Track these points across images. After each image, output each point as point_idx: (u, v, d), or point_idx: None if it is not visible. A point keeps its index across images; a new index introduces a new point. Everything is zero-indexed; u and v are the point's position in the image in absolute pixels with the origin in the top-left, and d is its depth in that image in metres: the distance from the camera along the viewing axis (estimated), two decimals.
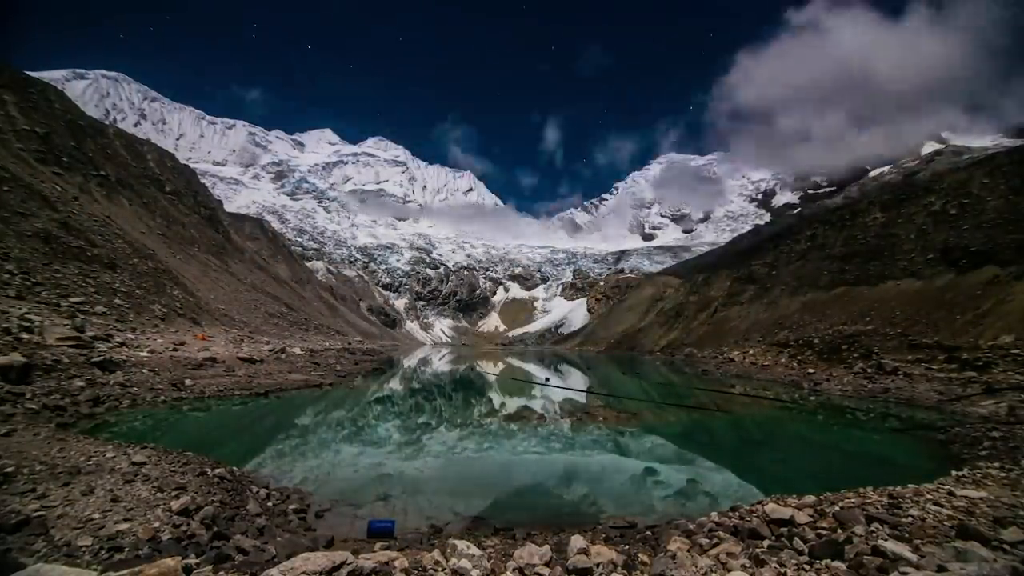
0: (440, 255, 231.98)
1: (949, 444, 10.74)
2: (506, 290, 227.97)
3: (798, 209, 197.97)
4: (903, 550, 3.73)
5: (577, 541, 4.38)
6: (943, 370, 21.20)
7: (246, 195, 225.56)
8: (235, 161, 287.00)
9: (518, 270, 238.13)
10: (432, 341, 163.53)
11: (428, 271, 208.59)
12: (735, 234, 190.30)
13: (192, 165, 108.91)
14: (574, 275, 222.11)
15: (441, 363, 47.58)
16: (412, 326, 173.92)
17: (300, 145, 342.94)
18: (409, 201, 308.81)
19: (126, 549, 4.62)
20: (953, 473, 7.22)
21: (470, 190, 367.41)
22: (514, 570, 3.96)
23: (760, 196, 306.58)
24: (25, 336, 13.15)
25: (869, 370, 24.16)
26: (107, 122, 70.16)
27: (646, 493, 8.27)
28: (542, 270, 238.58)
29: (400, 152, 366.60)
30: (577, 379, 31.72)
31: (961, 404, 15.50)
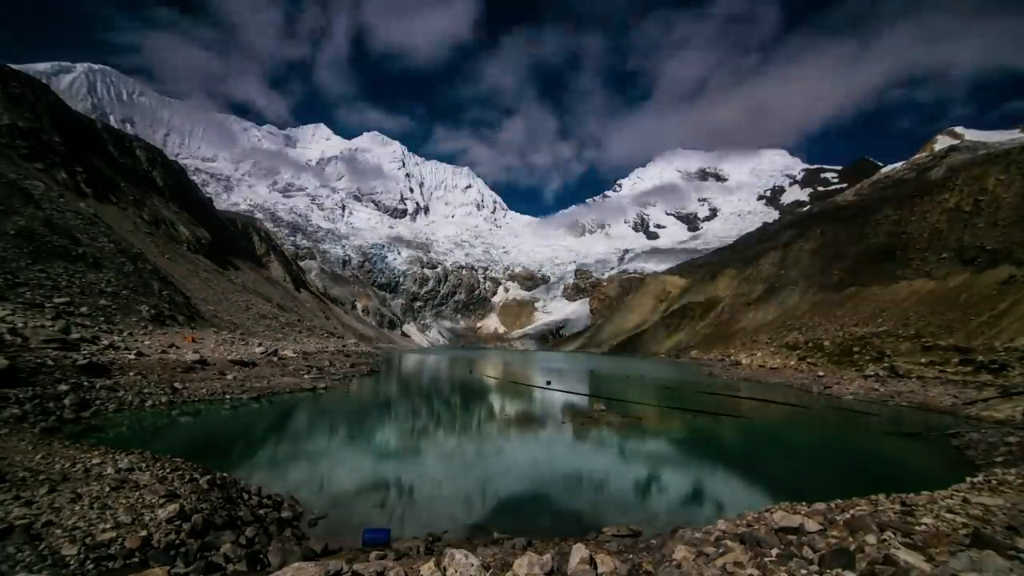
0: (438, 254, 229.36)
1: (964, 449, 10.65)
2: (506, 290, 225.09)
3: (808, 206, 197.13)
4: (916, 559, 3.64)
5: (579, 550, 4.25)
6: (958, 373, 21.13)
7: (238, 193, 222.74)
8: (226, 158, 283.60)
9: (518, 270, 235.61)
10: (429, 343, 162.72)
11: (426, 271, 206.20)
12: (742, 232, 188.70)
13: (182, 161, 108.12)
14: (576, 275, 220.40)
15: (439, 366, 47.41)
16: (409, 327, 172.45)
17: (293, 141, 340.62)
18: (406, 198, 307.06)
19: (114, 558, 4.49)
20: (968, 479, 7.13)
21: (469, 187, 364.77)
22: None
23: (768, 193, 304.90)
24: (8, 338, 12.88)
25: (881, 373, 24.03)
26: (94, 117, 69.23)
27: (650, 500, 8.16)
28: (543, 270, 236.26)
29: (397, 148, 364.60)
30: (579, 381, 31.49)
31: (976, 408, 15.37)
